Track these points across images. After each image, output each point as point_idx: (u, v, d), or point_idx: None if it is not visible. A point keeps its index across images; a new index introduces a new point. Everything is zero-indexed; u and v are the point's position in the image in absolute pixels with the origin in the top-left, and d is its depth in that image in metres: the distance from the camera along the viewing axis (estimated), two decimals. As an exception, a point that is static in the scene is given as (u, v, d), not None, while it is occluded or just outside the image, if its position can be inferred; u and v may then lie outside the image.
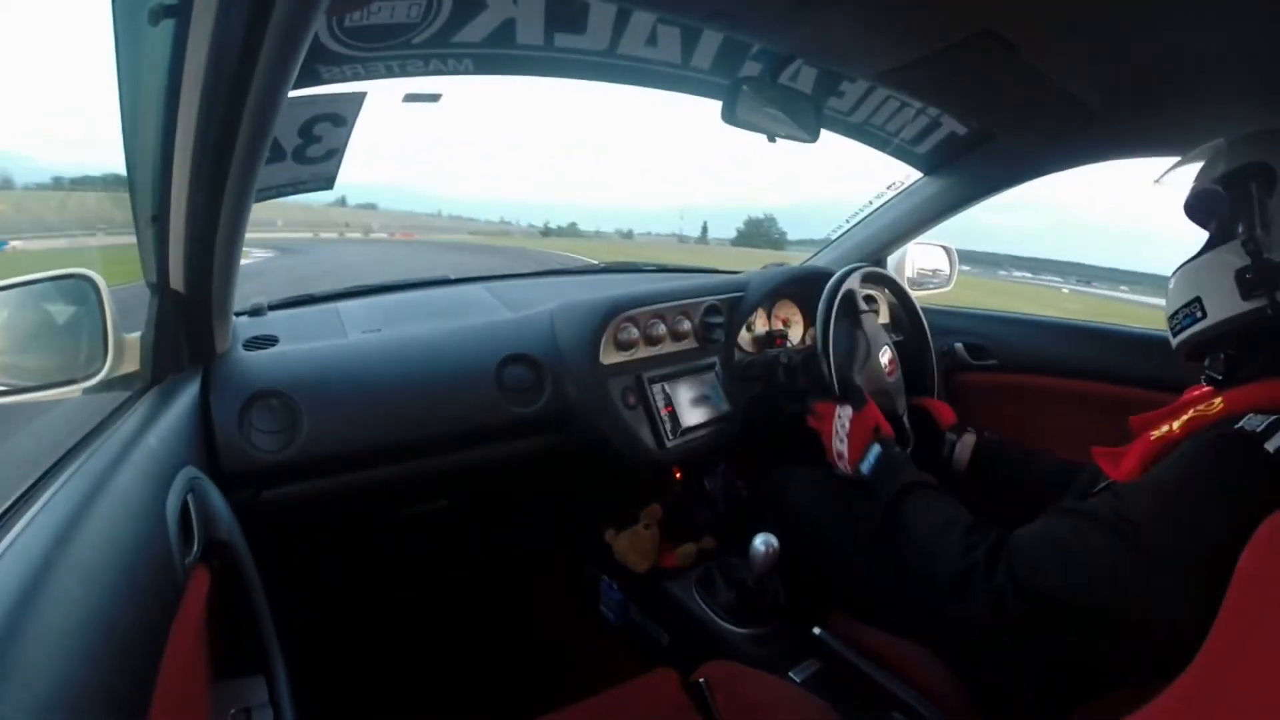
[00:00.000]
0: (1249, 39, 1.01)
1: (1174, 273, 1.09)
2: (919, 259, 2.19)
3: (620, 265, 2.42)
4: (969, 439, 1.58)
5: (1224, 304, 0.99)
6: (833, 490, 1.48)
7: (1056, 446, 1.72)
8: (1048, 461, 1.47)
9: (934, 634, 1.25)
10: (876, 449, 1.32)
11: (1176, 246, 1.12)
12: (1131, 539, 0.87)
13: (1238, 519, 0.75)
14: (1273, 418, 0.87)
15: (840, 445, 1.39)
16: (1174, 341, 1.10)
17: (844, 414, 1.41)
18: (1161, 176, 1.17)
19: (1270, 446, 0.84)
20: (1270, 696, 0.60)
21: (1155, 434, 1.02)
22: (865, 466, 1.32)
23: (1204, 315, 1.02)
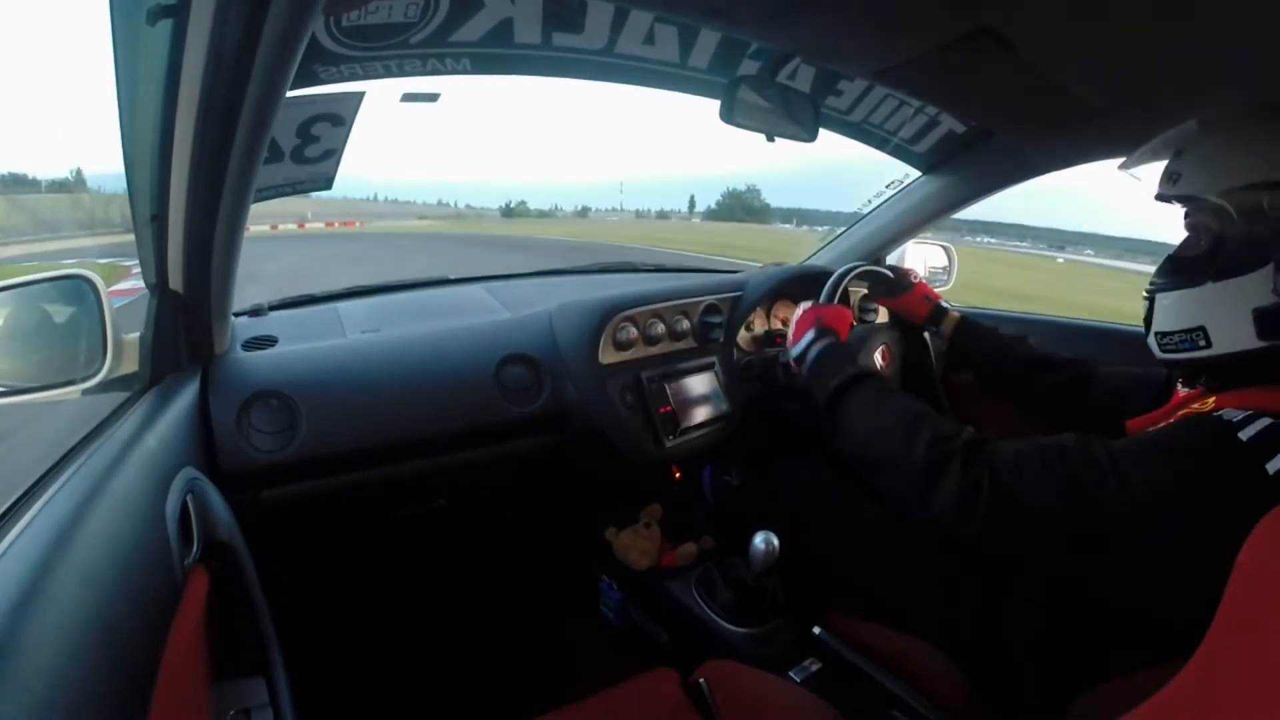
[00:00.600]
0: (1247, 35, 1.01)
1: (1165, 289, 1.05)
2: (917, 258, 2.19)
3: (618, 265, 2.42)
4: (950, 320, 1.61)
5: (1233, 338, 0.97)
6: (832, 482, 1.48)
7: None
8: (1027, 347, 1.53)
9: (934, 623, 1.26)
10: (811, 335, 1.29)
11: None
12: (1109, 468, 0.90)
13: (1206, 495, 0.83)
14: (1248, 412, 0.89)
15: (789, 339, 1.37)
16: (1161, 357, 1.07)
17: (800, 309, 1.39)
18: (1135, 166, 1.15)
19: (1244, 435, 0.87)
20: (1270, 694, 0.60)
21: (1153, 430, 1.03)
22: (806, 361, 1.28)
23: (1207, 345, 0.99)
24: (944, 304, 1.64)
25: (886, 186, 2.11)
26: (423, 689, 1.76)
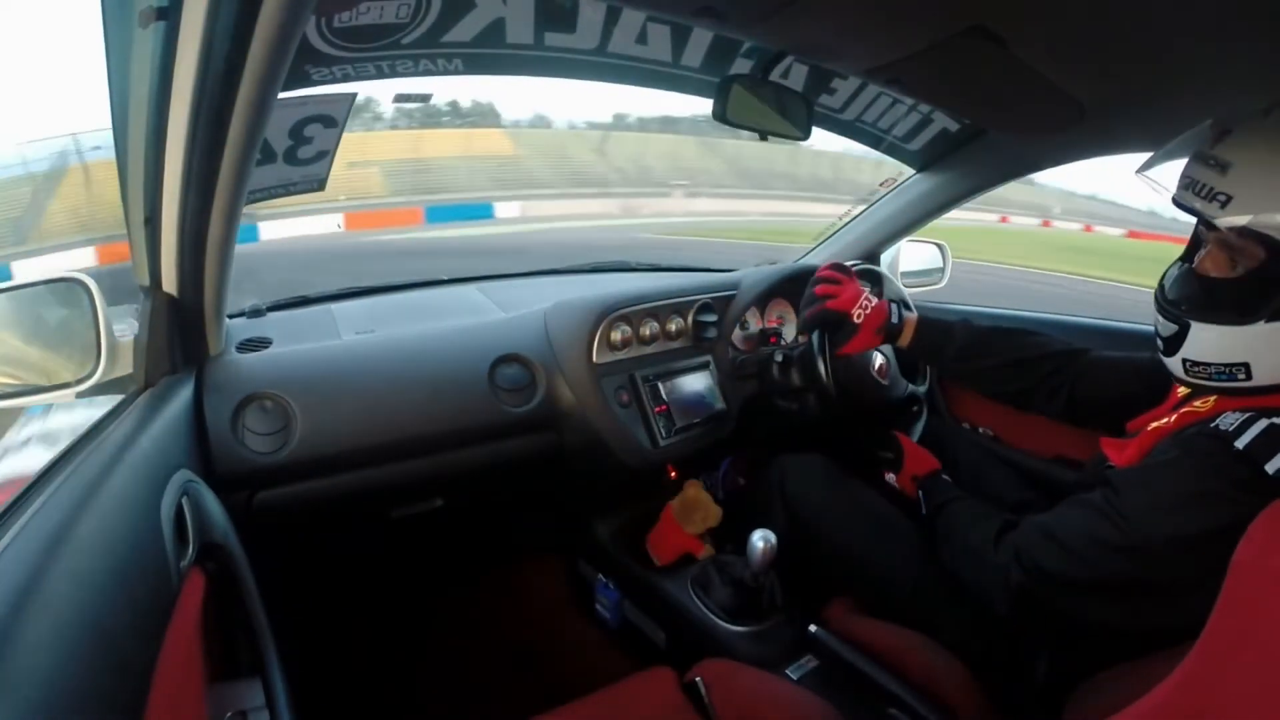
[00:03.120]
0: (1246, 29, 1.01)
1: (1205, 320, 1.00)
2: (912, 256, 2.19)
3: (611, 264, 2.42)
4: (907, 333, 1.55)
5: (1276, 374, 0.95)
6: (834, 476, 1.49)
7: (1052, 442, 1.73)
8: (1001, 345, 1.49)
9: (935, 617, 1.28)
10: (921, 494, 1.42)
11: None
12: (1123, 529, 0.96)
13: (1212, 512, 0.89)
14: (1246, 415, 0.91)
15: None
16: (1186, 379, 1.05)
17: (890, 479, 1.50)
18: (1150, 168, 1.09)
19: (1239, 444, 0.89)
20: (1267, 689, 0.61)
21: (1154, 425, 1.08)
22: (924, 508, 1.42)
23: (1248, 378, 0.96)
24: (894, 320, 1.54)
25: (880, 185, 2.12)
26: (420, 690, 1.76)
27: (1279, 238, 0.90)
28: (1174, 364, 1.04)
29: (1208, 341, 0.99)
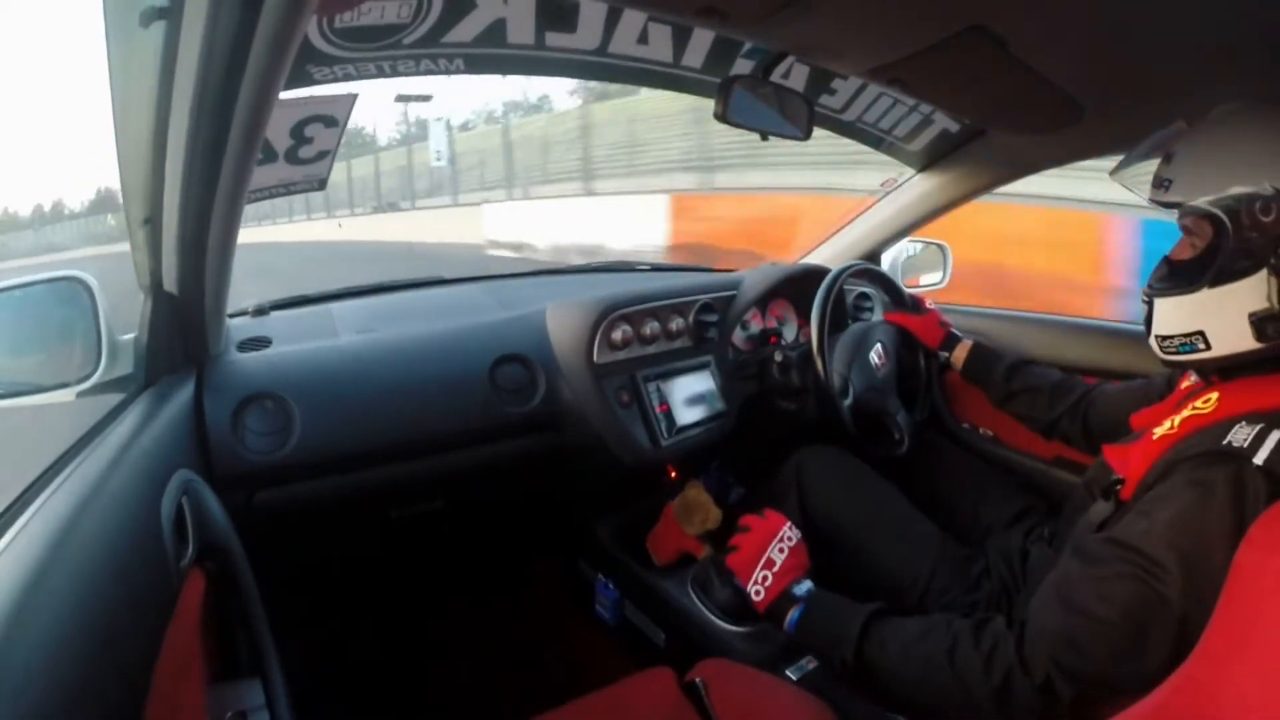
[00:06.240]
0: (1245, 29, 1.01)
1: (1162, 294, 1.05)
2: (912, 256, 2.19)
3: (613, 264, 2.42)
4: (963, 348, 1.66)
5: (1233, 341, 0.98)
6: (853, 472, 1.49)
7: (1052, 444, 1.73)
8: (1040, 371, 1.59)
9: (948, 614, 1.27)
10: (783, 594, 1.24)
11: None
12: (1168, 606, 0.86)
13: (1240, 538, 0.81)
14: (1259, 426, 0.90)
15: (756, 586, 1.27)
16: (1163, 359, 1.09)
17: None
18: (1126, 169, 1.16)
19: (1259, 459, 0.87)
20: (1267, 690, 0.61)
21: (1158, 431, 1.05)
22: (789, 625, 1.21)
23: (1207, 347, 1.01)
24: (955, 332, 1.67)
25: (881, 185, 2.12)
26: (419, 689, 1.76)
27: (1216, 212, 0.96)
28: (1153, 344, 1.09)
29: (1167, 314, 1.06)
